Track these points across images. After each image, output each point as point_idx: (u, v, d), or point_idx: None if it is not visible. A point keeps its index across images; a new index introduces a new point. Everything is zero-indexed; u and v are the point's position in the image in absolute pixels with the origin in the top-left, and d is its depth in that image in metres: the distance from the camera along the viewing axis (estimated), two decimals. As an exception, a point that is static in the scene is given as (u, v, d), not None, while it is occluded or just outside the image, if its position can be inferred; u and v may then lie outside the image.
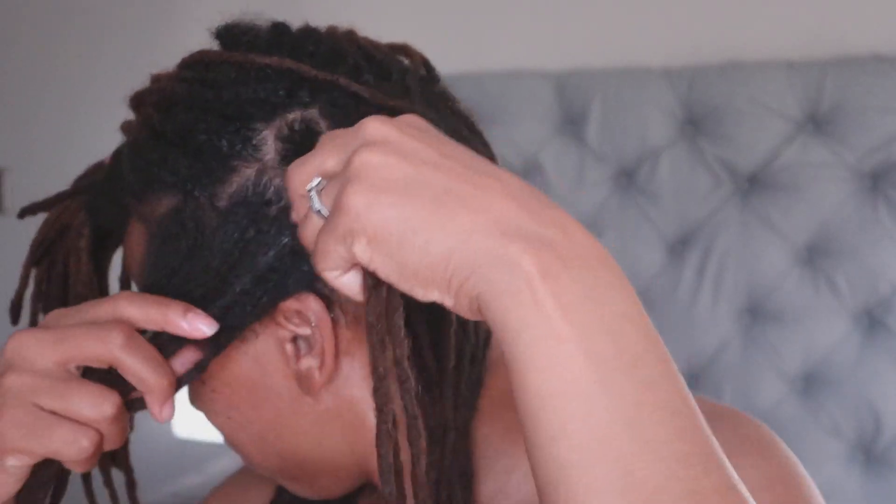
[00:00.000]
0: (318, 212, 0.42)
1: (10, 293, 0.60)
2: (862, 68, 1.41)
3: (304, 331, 0.50)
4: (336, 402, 0.53)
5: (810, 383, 1.42)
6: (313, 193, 0.42)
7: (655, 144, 1.50)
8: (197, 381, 0.53)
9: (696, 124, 1.49)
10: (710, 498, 0.35)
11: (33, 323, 0.60)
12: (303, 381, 0.51)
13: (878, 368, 1.39)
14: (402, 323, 0.43)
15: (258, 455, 0.56)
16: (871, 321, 1.40)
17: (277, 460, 0.56)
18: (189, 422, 1.78)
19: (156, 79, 0.54)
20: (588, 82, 1.53)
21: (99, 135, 0.76)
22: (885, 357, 1.39)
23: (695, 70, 1.49)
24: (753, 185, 1.46)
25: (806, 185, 1.42)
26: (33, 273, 0.60)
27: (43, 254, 0.59)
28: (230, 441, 0.57)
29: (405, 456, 0.45)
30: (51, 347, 0.46)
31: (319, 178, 0.43)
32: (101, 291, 0.59)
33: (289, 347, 0.51)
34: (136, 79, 0.71)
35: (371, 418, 0.52)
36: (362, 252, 0.40)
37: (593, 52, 1.59)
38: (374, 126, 0.41)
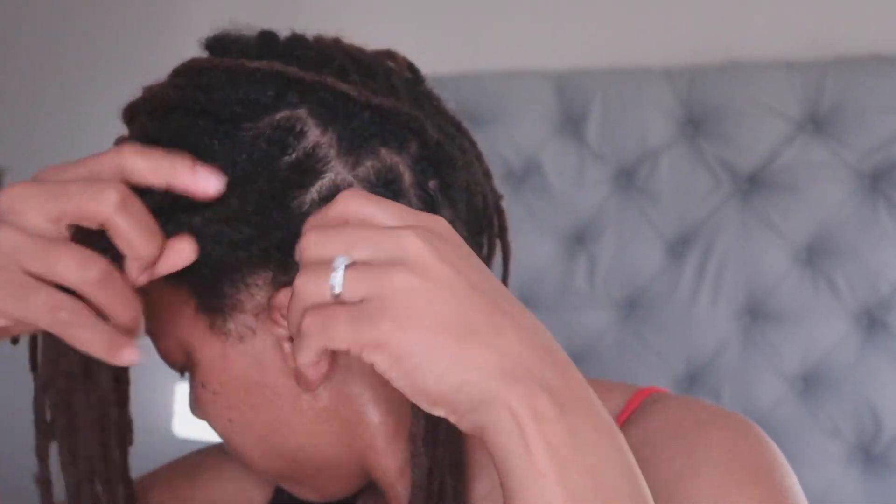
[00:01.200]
0: (333, 288, 0.43)
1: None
2: (862, 68, 1.41)
3: None
4: (334, 399, 0.54)
5: (810, 383, 1.43)
6: (340, 270, 0.43)
7: (655, 144, 1.50)
8: (197, 384, 0.54)
9: (696, 124, 1.49)
10: None
11: (33, 344, 0.60)
12: (300, 379, 0.52)
13: (878, 368, 1.39)
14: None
15: (261, 458, 0.56)
16: (870, 321, 1.40)
17: (280, 462, 0.56)
18: (189, 422, 1.78)
19: (148, 88, 0.55)
20: (588, 82, 1.53)
21: (99, 135, 0.76)
22: (884, 357, 1.39)
23: (695, 70, 1.49)
24: (753, 185, 1.46)
25: (806, 185, 1.42)
26: None
27: None
28: (233, 447, 0.57)
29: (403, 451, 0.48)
30: (44, 202, 0.43)
31: (347, 258, 0.43)
32: None
33: (286, 346, 0.52)
34: (137, 79, 0.71)
35: (369, 414, 0.54)
36: (382, 362, 0.42)
37: (593, 52, 1.59)
38: (414, 244, 0.42)
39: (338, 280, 0.43)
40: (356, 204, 0.45)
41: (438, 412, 0.43)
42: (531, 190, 1.55)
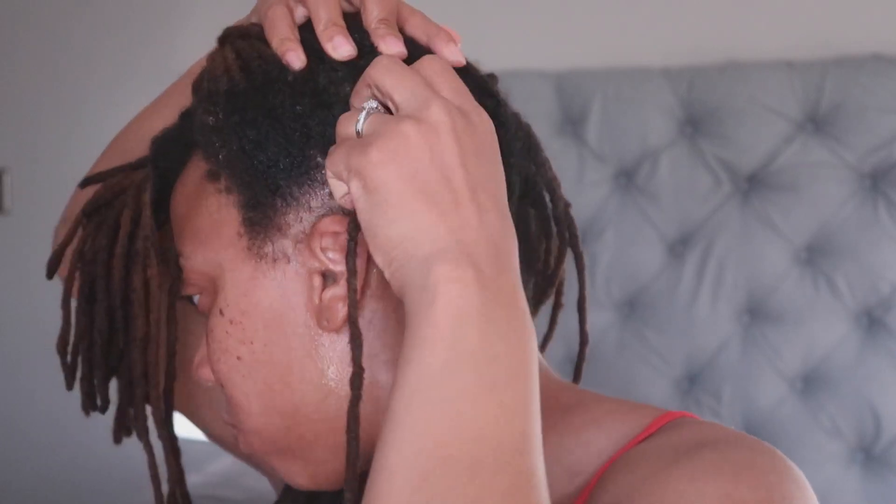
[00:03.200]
0: (358, 131, 0.48)
1: (10, 292, 0.60)
2: (862, 68, 1.41)
3: (337, 266, 0.50)
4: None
5: (810, 383, 1.43)
6: (364, 112, 0.48)
7: (655, 144, 1.50)
8: (215, 313, 0.53)
9: (695, 124, 1.49)
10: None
11: (70, 278, 0.60)
12: (323, 314, 0.51)
13: (878, 368, 1.39)
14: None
15: (260, 415, 0.54)
16: (870, 321, 1.40)
17: (277, 421, 0.53)
18: (190, 422, 1.78)
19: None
20: (588, 82, 1.54)
21: (99, 135, 0.76)
22: (884, 357, 1.39)
23: (695, 70, 1.49)
24: (753, 185, 1.46)
25: (806, 185, 1.43)
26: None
27: (94, 210, 0.60)
28: (233, 397, 0.54)
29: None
30: None
31: (376, 104, 0.48)
32: (159, 252, 0.58)
33: (317, 280, 0.51)
34: (136, 79, 0.71)
35: (379, 376, 0.52)
36: (356, 189, 0.46)
37: (593, 52, 1.59)
38: (437, 108, 0.46)
39: (361, 119, 0.48)
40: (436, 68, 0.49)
41: (377, 258, 0.45)
42: (531, 190, 1.55)
